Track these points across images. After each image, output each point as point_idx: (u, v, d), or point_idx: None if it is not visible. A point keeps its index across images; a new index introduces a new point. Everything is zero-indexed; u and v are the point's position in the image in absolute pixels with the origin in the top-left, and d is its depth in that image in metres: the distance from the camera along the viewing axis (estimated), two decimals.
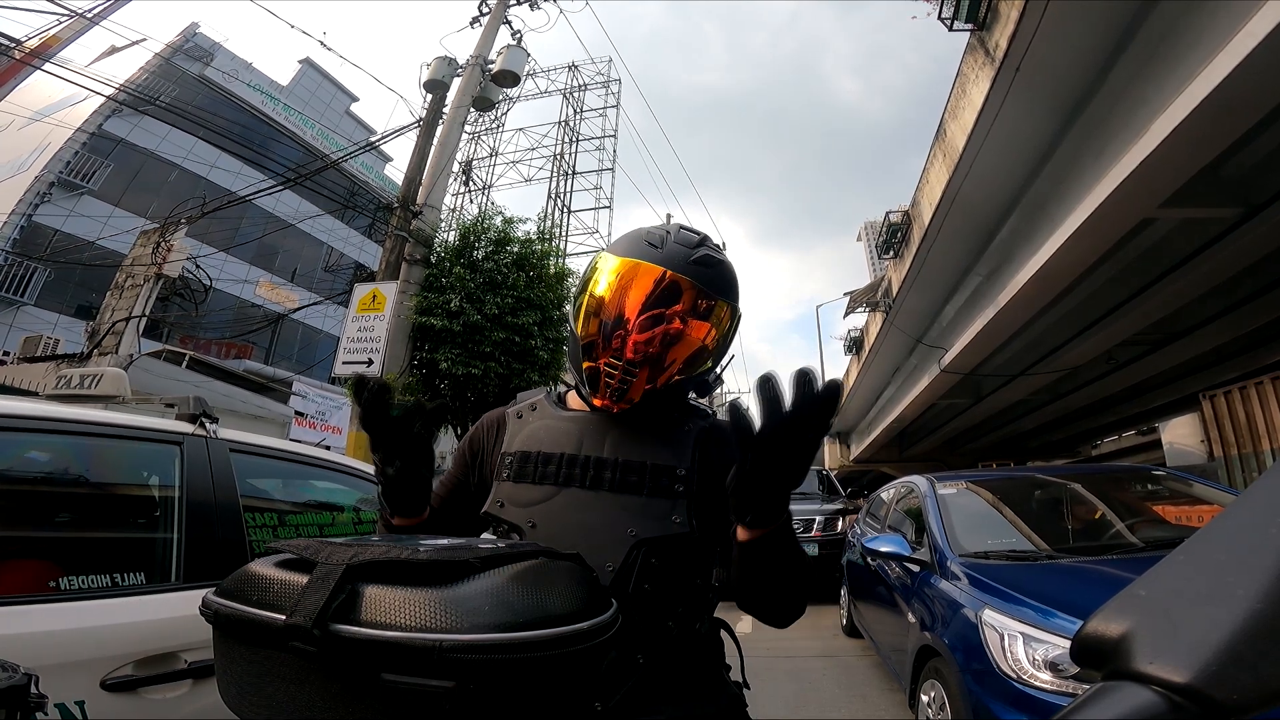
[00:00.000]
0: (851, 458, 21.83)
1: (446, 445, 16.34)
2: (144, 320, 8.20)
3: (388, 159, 23.70)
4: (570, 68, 17.38)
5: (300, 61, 22.36)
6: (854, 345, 14.56)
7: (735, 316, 0.91)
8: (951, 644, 2.33)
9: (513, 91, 9.75)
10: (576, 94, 17.29)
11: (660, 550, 0.81)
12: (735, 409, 0.64)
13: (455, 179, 12.04)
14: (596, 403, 0.87)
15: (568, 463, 0.85)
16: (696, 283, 0.84)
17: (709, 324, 0.87)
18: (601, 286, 0.87)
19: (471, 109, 8.89)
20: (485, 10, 9.04)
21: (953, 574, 2.59)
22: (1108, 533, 2.95)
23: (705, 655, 0.88)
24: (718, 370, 0.94)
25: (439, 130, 8.17)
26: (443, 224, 8.86)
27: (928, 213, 7.11)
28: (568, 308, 1.03)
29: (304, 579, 0.52)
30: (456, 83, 8.43)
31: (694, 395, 0.95)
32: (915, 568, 2.98)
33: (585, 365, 0.87)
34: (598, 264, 0.90)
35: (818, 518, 7.10)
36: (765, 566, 0.74)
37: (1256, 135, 4.49)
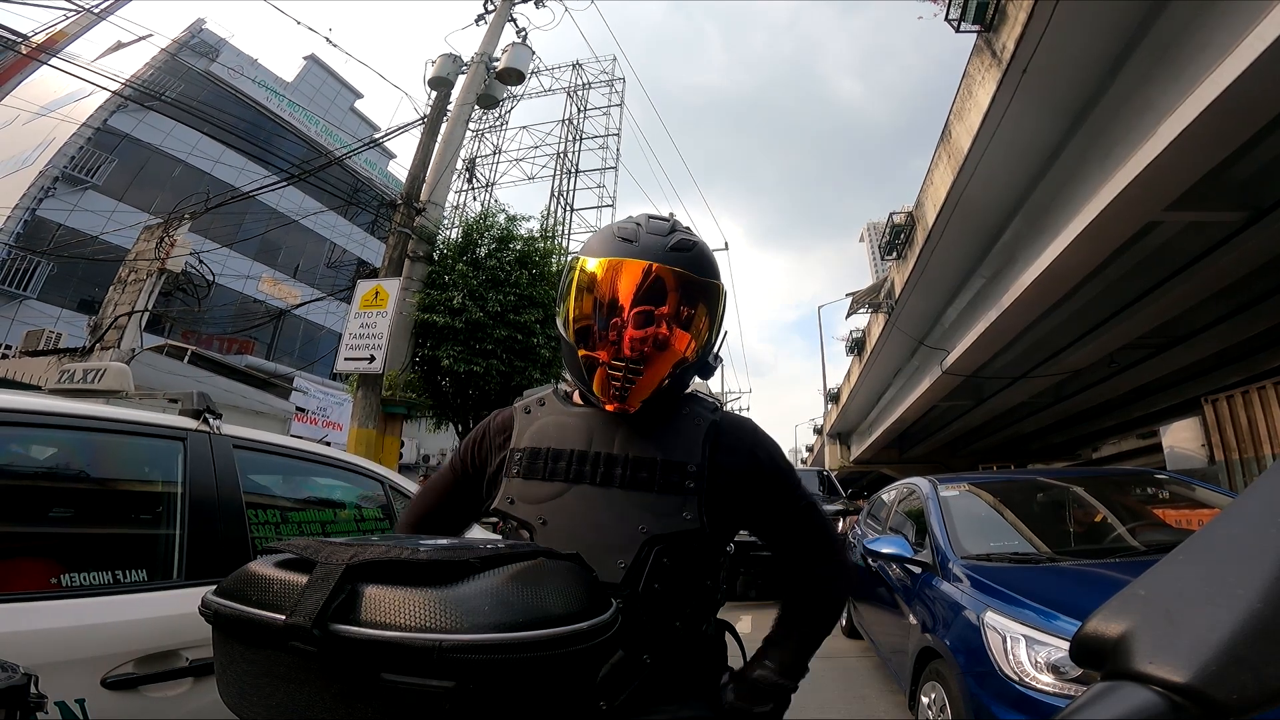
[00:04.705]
0: (852, 459, 21.82)
1: (446, 443, 16.33)
2: (146, 315, 8.22)
3: (391, 155, 23.75)
4: (574, 66, 17.36)
5: (305, 58, 22.43)
6: (856, 346, 14.55)
7: (722, 293, 0.90)
8: (953, 646, 2.33)
9: (517, 89, 9.74)
10: (580, 92, 17.28)
11: (672, 548, 0.81)
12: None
13: (459, 176, 12.03)
14: (608, 407, 0.86)
15: (578, 459, 0.85)
16: (679, 269, 0.83)
17: (699, 308, 0.86)
18: (587, 289, 0.85)
19: (476, 106, 8.89)
20: (491, 8, 9.03)
21: (954, 576, 2.59)
22: (1109, 535, 2.94)
23: (709, 656, 0.89)
24: (715, 349, 0.93)
25: (443, 127, 8.17)
26: (446, 221, 8.86)
27: (931, 214, 7.09)
28: (557, 321, 1.00)
29: (304, 579, 0.52)
30: (461, 80, 8.43)
31: (698, 378, 0.95)
32: (916, 569, 2.97)
33: (583, 357, 0.85)
34: (576, 268, 0.87)
35: None
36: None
37: (1264, 138, 4.47)
